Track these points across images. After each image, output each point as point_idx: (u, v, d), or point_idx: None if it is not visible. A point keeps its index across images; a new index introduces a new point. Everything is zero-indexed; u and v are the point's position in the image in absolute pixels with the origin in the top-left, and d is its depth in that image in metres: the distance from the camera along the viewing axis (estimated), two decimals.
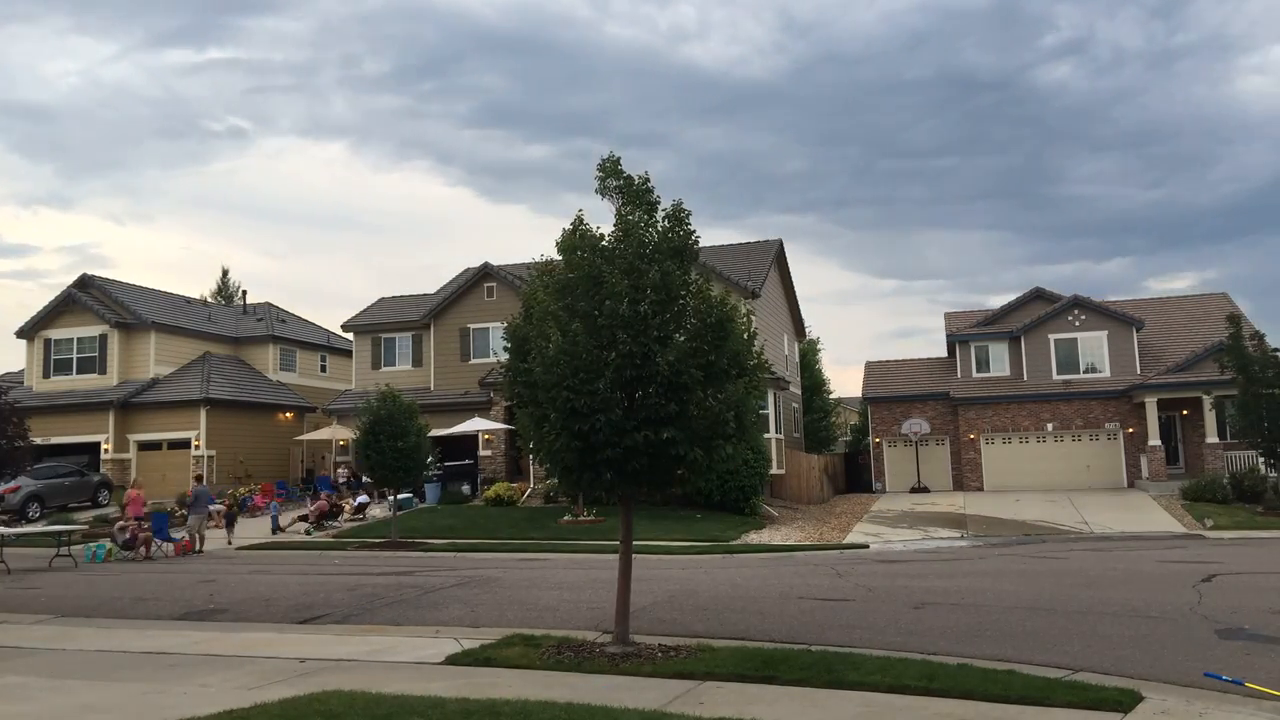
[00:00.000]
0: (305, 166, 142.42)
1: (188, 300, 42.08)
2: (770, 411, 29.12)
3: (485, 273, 34.27)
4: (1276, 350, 25.82)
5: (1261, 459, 26.40)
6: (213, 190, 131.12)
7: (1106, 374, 35.30)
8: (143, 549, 21.13)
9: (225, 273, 70.48)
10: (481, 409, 31.70)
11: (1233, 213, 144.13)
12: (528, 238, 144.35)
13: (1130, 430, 34.04)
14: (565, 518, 24.62)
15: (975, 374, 37.49)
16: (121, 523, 22.36)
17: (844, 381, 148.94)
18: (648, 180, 9.84)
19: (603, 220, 9.90)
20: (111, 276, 38.80)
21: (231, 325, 41.35)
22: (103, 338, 35.77)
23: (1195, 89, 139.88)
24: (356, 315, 37.38)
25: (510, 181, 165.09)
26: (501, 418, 30.80)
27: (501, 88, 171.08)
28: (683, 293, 9.47)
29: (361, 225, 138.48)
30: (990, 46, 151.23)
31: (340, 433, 33.47)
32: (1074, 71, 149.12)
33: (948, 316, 41.65)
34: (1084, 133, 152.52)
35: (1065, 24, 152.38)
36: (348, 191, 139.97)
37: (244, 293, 52.51)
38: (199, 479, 28.27)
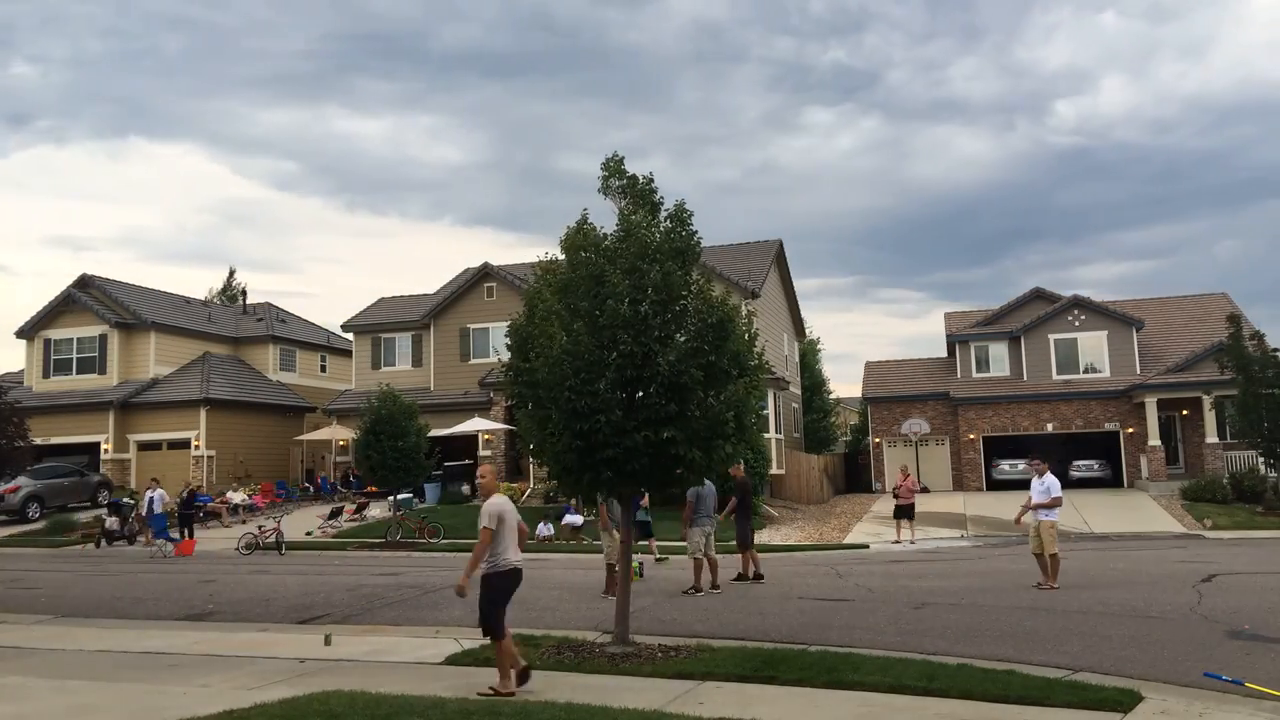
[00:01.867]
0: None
1: (187, 300, 42.07)
2: (770, 412, 29.11)
3: (485, 273, 34.28)
4: (1276, 350, 25.82)
5: (1261, 459, 26.40)
6: None
7: (1106, 374, 35.30)
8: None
9: (232, 273, 70.57)
10: (481, 409, 31.69)
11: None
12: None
13: (1130, 430, 34.03)
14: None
15: (975, 374, 37.49)
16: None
17: None
18: (651, 180, 9.84)
19: (602, 219, 9.91)
20: (111, 276, 38.80)
21: (231, 325, 41.34)
22: (102, 338, 35.76)
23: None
24: (356, 315, 37.40)
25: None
26: (501, 418, 30.79)
27: None
28: (684, 293, 9.46)
29: None
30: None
31: (340, 433, 33.47)
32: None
33: (948, 316, 41.67)
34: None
35: None
36: None
37: (244, 293, 52.55)
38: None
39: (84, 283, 37.00)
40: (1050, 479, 14.00)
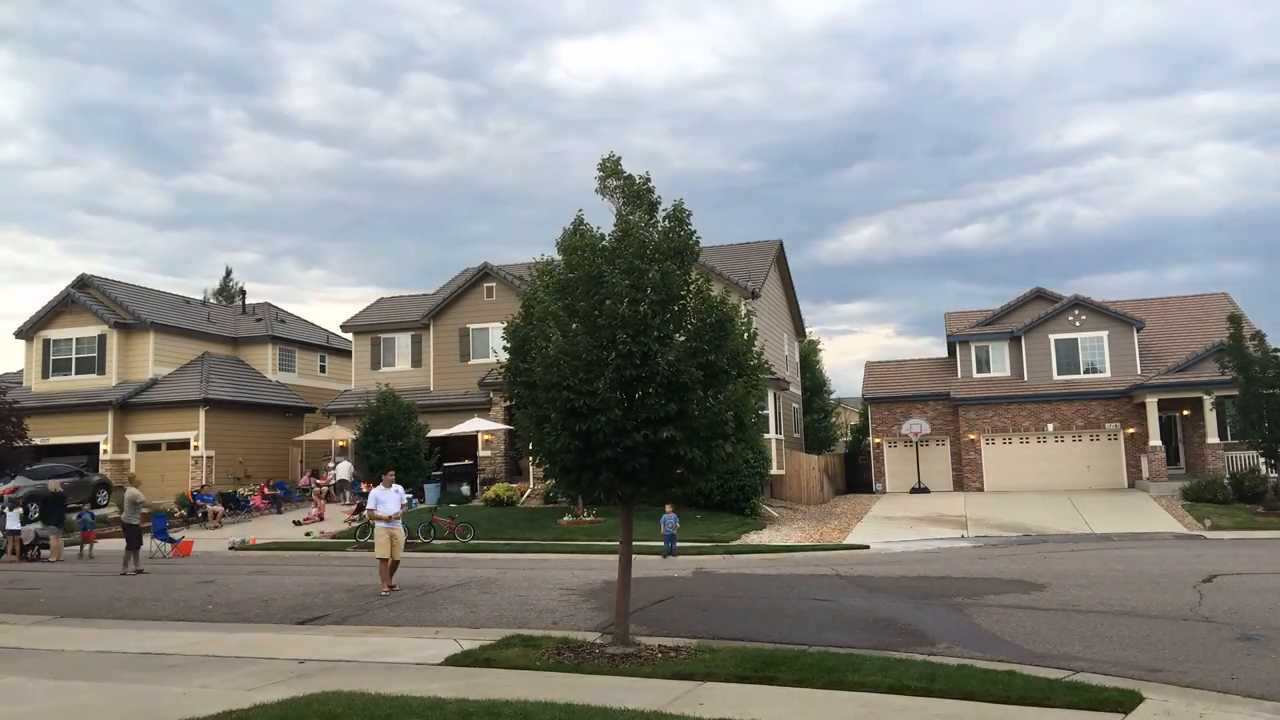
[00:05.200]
0: None
1: (186, 300, 42.06)
2: (770, 412, 29.09)
3: (485, 273, 34.26)
4: (1277, 350, 25.81)
5: (1262, 459, 26.38)
6: None
7: (1107, 374, 35.28)
8: None
9: (229, 272, 70.50)
10: (481, 409, 31.67)
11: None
12: None
13: (1131, 430, 34.01)
14: (565, 518, 24.58)
15: (976, 374, 37.47)
16: None
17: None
18: (648, 180, 9.82)
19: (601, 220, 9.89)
20: (110, 277, 38.79)
21: (230, 325, 41.32)
22: (101, 338, 35.73)
23: None
24: (356, 315, 37.38)
25: None
26: (501, 418, 30.77)
27: None
28: (683, 293, 9.44)
29: None
30: None
31: (339, 433, 33.44)
32: None
33: (948, 316, 41.65)
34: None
35: None
36: None
37: (243, 293, 52.46)
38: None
39: (83, 283, 36.98)
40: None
